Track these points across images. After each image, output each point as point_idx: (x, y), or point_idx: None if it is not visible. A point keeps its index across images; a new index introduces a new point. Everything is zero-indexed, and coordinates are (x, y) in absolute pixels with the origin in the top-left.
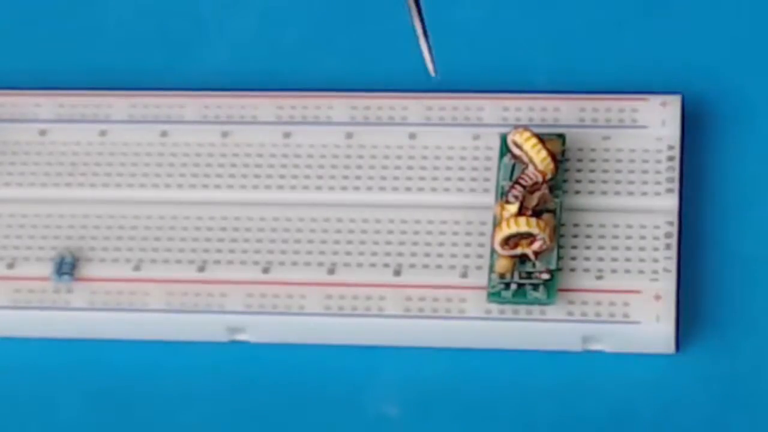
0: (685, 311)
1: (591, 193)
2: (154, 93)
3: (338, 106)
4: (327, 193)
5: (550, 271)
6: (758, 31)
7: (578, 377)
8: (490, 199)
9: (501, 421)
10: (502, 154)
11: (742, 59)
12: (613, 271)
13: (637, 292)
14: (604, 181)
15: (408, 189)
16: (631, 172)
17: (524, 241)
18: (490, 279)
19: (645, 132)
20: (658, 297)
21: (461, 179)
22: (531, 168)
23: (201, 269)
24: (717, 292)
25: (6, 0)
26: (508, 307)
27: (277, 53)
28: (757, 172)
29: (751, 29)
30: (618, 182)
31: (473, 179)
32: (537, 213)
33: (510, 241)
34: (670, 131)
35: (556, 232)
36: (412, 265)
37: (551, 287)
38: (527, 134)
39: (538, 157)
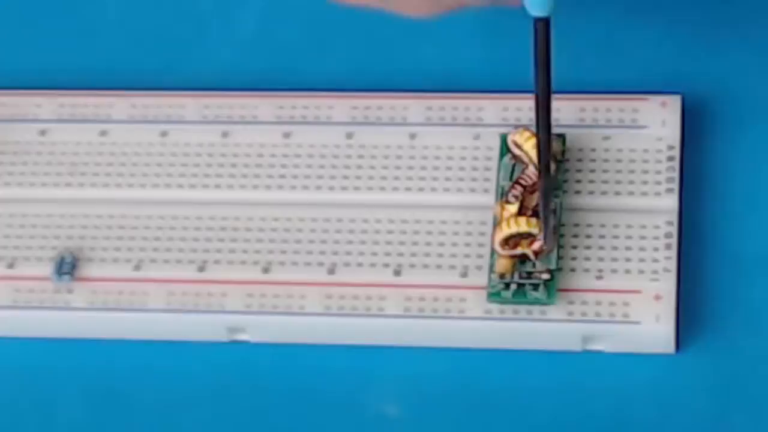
0: (685, 311)
1: (591, 193)
2: (154, 93)
3: (338, 106)
4: (327, 193)
5: (550, 271)
6: (758, 32)
7: (578, 377)
8: (490, 199)
9: (501, 421)
10: (502, 154)
11: (742, 59)
12: (613, 271)
13: (637, 292)
14: (604, 181)
15: (408, 189)
16: (631, 172)
17: (524, 241)
18: (490, 279)
19: (645, 132)
20: (658, 297)
21: (461, 179)
22: (531, 168)
23: (201, 269)
24: (717, 292)
25: (6, 0)
26: (508, 307)
27: (277, 53)
28: (758, 172)
29: (751, 29)
30: (618, 182)
31: (473, 179)
32: (537, 213)
33: (510, 241)
34: (670, 131)
35: (556, 232)
36: (412, 265)
37: (551, 287)
38: (527, 134)
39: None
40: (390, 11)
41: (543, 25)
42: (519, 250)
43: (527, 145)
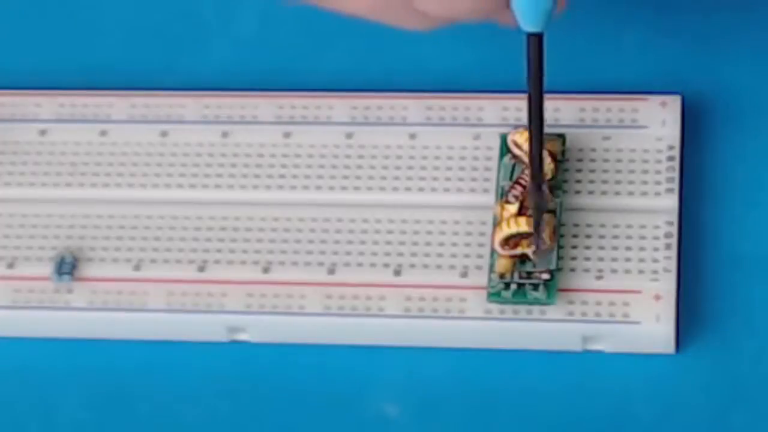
0: (685, 311)
1: (591, 193)
2: (154, 93)
3: (338, 106)
4: (327, 193)
5: (550, 271)
6: (758, 32)
7: (578, 377)
8: (490, 199)
9: (501, 421)
10: (502, 154)
11: (742, 59)
12: (613, 271)
13: (637, 292)
14: (604, 181)
15: (408, 189)
16: (631, 172)
17: (524, 241)
18: (490, 279)
19: (645, 132)
20: (658, 297)
21: (461, 179)
22: None
23: (201, 269)
24: (717, 292)
25: (6, 0)
26: (508, 307)
27: (277, 53)
28: (757, 172)
29: (751, 30)
30: (618, 182)
31: (473, 179)
32: None
33: (510, 241)
34: (670, 131)
35: (556, 232)
36: (412, 265)
37: (551, 287)
38: (527, 134)
39: None
40: (386, 24)
41: (536, 41)
42: (519, 250)
43: (527, 145)
